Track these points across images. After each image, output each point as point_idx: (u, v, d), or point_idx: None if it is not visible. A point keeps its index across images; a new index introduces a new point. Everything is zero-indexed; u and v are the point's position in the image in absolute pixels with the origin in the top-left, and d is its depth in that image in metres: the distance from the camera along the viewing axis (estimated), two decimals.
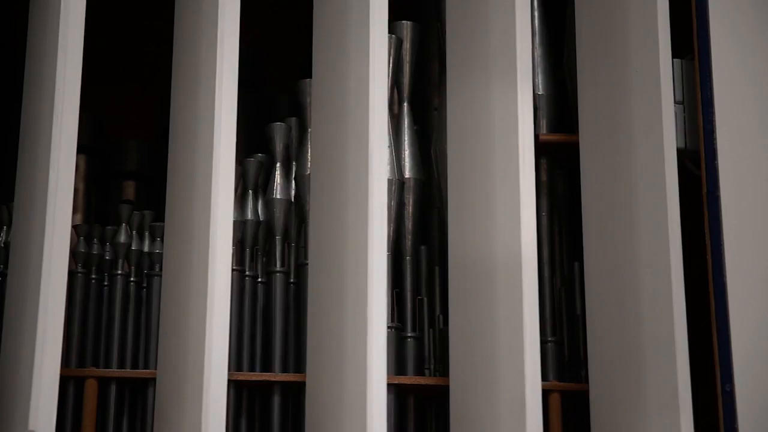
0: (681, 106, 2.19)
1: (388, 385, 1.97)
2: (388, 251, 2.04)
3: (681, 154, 2.13)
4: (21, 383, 1.88)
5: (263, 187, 2.45)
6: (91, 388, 2.27)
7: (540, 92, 2.42)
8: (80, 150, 2.04)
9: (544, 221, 2.40)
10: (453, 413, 2.12)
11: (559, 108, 2.45)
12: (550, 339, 2.30)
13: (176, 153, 2.23)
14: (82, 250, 2.38)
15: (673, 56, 2.10)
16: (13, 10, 2.73)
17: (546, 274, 2.35)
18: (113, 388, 2.31)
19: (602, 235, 2.17)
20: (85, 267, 2.38)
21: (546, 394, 2.18)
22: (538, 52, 2.45)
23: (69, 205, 1.96)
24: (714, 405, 2.00)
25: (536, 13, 2.47)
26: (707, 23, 2.15)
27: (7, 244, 2.35)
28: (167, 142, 2.29)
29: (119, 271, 2.39)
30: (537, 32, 2.46)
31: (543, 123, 2.43)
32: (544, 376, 2.22)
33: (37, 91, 2.10)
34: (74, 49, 1.99)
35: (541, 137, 2.37)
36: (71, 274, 2.28)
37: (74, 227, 2.29)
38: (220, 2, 2.06)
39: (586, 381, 2.20)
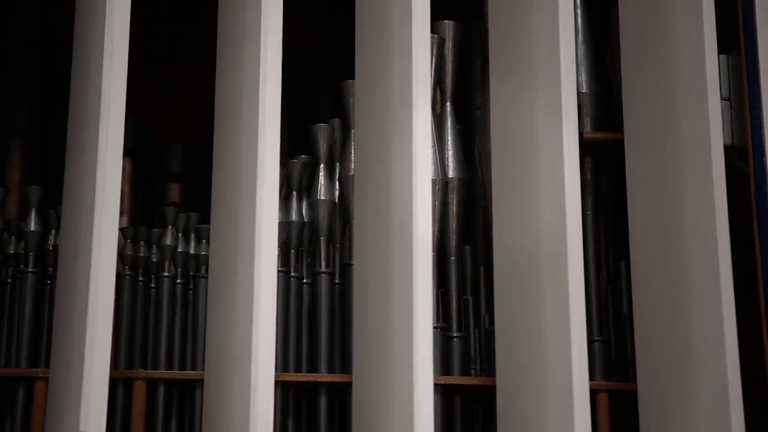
0: (728, 102, 2.17)
1: (435, 385, 1.97)
2: (432, 251, 2.03)
3: (728, 151, 2.10)
4: (71, 385, 1.90)
5: (307, 188, 2.45)
6: (139, 390, 2.29)
7: (583, 90, 2.41)
8: (125, 153, 2.05)
9: (589, 220, 2.38)
10: (500, 413, 2.11)
11: (603, 106, 2.43)
12: (596, 338, 2.29)
13: (221, 155, 2.24)
14: (129, 253, 2.40)
15: (719, 52, 2.08)
16: (59, 16, 2.77)
17: (592, 272, 2.34)
18: (161, 390, 2.32)
19: (649, 233, 2.15)
20: (132, 269, 2.40)
21: (593, 393, 2.17)
22: (581, 50, 2.44)
23: (116, 208, 1.97)
24: (765, 404, 1.97)
25: (579, 11, 2.46)
26: (753, 18, 2.13)
27: (55, 247, 2.37)
28: (211, 144, 2.30)
29: (166, 273, 2.40)
30: (580, 30, 2.45)
31: (587, 121, 2.41)
32: (591, 376, 2.20)
33: (84, 95, 2.12)
34: (120, 53, 2.01)
35: (586, 135, 2.36)
36: (118, 277, 2.29)
37: (121, 230, 2.31)
38: (263, 4, 2.06)
39: (634, 380, 2.18)
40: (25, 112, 2.77)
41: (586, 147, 2.35)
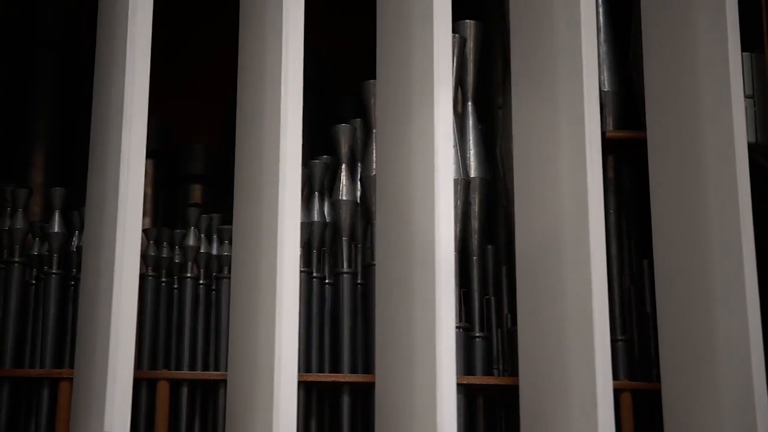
0: (751, 100, 2.16)
1: (457, 385, 1.97)
2: (454, 251, 2.03)
3: (752, 148, 2.09)
4: (95, 386, 1.91)
5: (329, 188, 2.46)
6: (163, 390, 2.29)
7: (606, 89, 2.40)
8: (147, 154, 2.06)
9: (612, 219, 2.38)
10: (523, 413, 2.11)
11: (625, 104, 2.42)
12: (620, 338, 2.28)
13: (243, 156, 2.24)
14: (152, 254, 2.41)
15: (743, 50, 2.07)
16: (81, 17, 2.78)
17: (614, 271, 2.33)
18: (185, 390, 2.33)
19: (672, 231, 2.14)
20: (155, 270, 2.41)
21: (617, 393, 2.16)
22: (603, 48, 2.43)
23: (139, 209, 1.98)
24: None
25: (600, 9, 2.45)
26: None
27: (79, 248, 2.38)
28: (233, 145, 2.31)
29: (188, 274, 2.41)
30: (602, 28, 2.44)
31: (609, 120, 2.41)
32: (615, 376, 2.20)
33: (106, 96, 2.13)
34: (142, 54, 2.02)
35: (608, 134, 2.35)
36: (142, 278, 2.30)
37: (144, 231, 2.32)
38: (284, 6, 2.07)
39: (658, 380, 2.17)
40: (48, 113, 2.79)
41: (608, 146, 2.34)
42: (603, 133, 2.28)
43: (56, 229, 2.39)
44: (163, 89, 2.33)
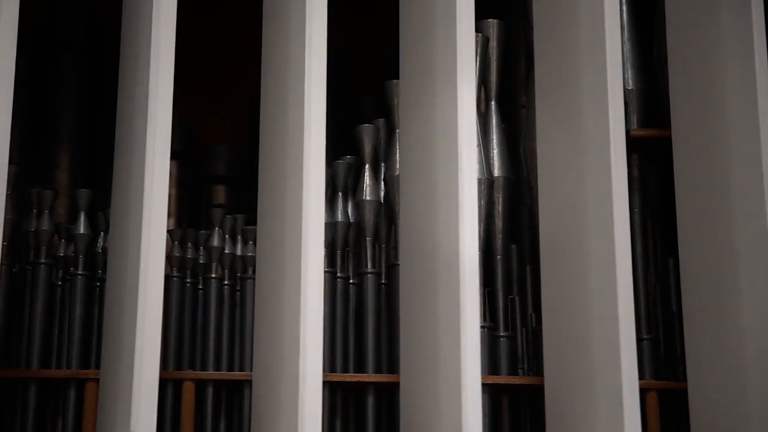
0: None
1: (482, 385, 1.96)
2: (478, 250, 2.02)
3: None
4: (121, 386, 1.92)
5: (353, 188, 2.46)
6: (188, 391, 2.30)
7: (630, 87, 2.39)
8: (171, 156, 2.06)
9: (637, 217, 2.37)
10: (548, 413, 2.10)
11: (650, 102, 2.41)
12: (645, 336, 2.27)
13: (266, 157, 2.25)
14: (177, 255, 2.42)
15: None
16: (104, 20, 2.79)
17: (639, 270, 2.33)
18: (210, 390, 2.34)
19: (698, 230, 2.13)
20: (180, 271, 2.42)
21: (643, 392, 2.15)
22: (626, 46, 2.42)
23: (164, 210, 1.98)
24: None
25: (624, 7, 2.44)
26: None
27: (104, 249, 2.39)
28: (256, 146, 2.31)
29: (213, 275, 2.42)
30: (625, 26, 2.43)
31: (633, 118, 2.40)
32: (640, 375, 2.18)
33: (131, 98, 2.13)
34: (166, 56, 2.02)
35: (632, 132, 2.34)
36: (167, 278, 2.31)
37: (168, 232, 2.33)
38: (307, 7, 2.07)
39: (684, 379, 2.16)
40: (73, 115, 2.80)
41: (632, 144, 2.33)
42: (627, 132, 2.27)
43: (82, 231, 2.41)
44: (187, 90, 2.34)
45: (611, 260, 1.96)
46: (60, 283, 2.41)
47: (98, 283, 2.40)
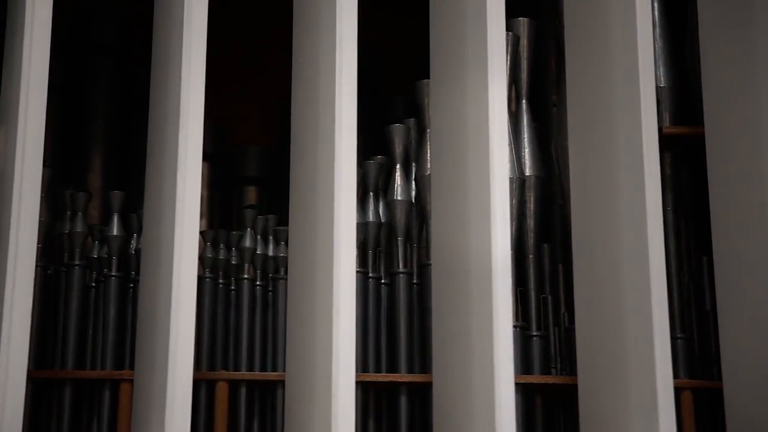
0: None
1: (515, 384, 1.96)
2: (510, 250, 2.02)
3: None
4: (156, 386, 1.93)
5: (384, 188, 2.46)
6: (222, 391, 2.31)
7: (662, 84, 2.37)
8: (203, 157, 2.08)
9: (670, 216, 2.35)
10: (582, 413, 2.09)
11: (682, 100, 2.40)
12: (679, 335, 2.26)
13: (298, 157, 2.25)
14: (209, 256, 2.43)
15: None
16: (135, 23, 2.81)
17: (673, 269, 2.31)
18: (243, 391, 2.35)
19: (732, 227, 2.11)
20: (212, 272, 2.43)
21: (677, 392, 2.14)
22: (658, 43, 2.41)
23: (196, 211, 1.99)
24: None
25: (656, 4, 2.43)
26: None
27: (138, 250, 2.41)
28: (287, 147, 2.32)
29: (245, 276, 2.43)
30: (657, 23, 2.42)
31: (666, 116, 2.38)
32: (675, 374, 2.17)
33: (163, 101, 2.14)
34: (198, 59, 2.03)
35: (665, 130, 2.33)
36: (199, 280, 2.32)
37: (201, 233, 2.34)
38: (337, 7, 2.07)
39: (719, 378, 2.14)
40: (105, 118, 2.82)
41: (665, 142, 2.32)
42: (659, 129, 2.26)
43: (115, 232, 2.42)
44: (218, 92, 2.35)
45: (644, 259, 1.94)
46: (94, 284, 2.42)
47: (131, 285, 2.41)
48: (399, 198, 2.42)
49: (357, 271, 2.28)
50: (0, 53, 2.20)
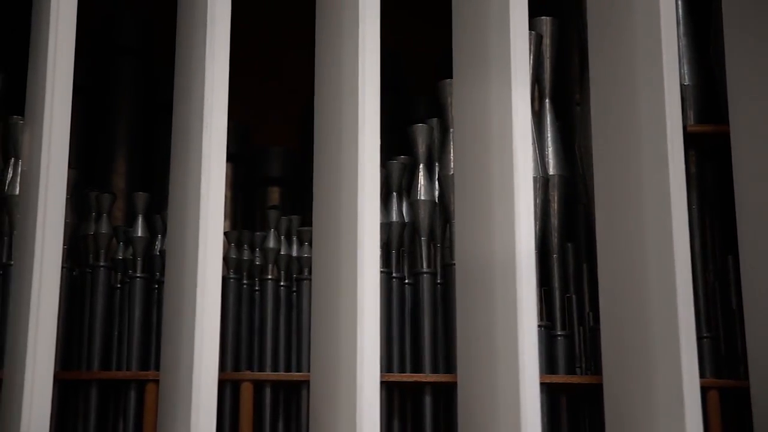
0: None
1: (540, 384, 1.95)
2: (534, 249, 2.01)
3: None
4: (181, 387, 1.93)
5: (407, 188, 2.46)
6: (246, 391, 2.32)
7: (686, 82, 2.36)
8: (226, 158, 2.08)
9: (695, 214, 2.34)
10: (608, 413, 2.08)
11: (706, 98, 2.39)
12: (705, 335, 2.25)
13: (321, 158, 2.25)
14: (233, 256, 2.44)
15: None
16: (159, 24, 2.82)
17: (698, 268, 2.30)
18: (268, 391, 2.35)
19: (757, 226, 2.09)
20: (236, 272, 2.43)
21: (704, 391, 2.13)
22: (682, 41, 2.40)
23: (220, 212, 2.00)
24: None
25: (679, 2, 2.42)
26: None
27: (162, 252, 2.42)
28: (310, 147, 2.32)
29: (269, 276, 2.43)
30: (681, 21, 2.41)
31: (690, 114, 2.37)
32: (701, 373, 2.16)
33: (186, 103, 2.15)
34: (221, 60, 2.04)
35: (689, 128, 2.32)
36: (223, 280, 2.33)
37: (225, 234, 2.34)
38: (360, 7, 2.07)
39: (745, 377, 2.13)
40: (129, 119, 2.83)
41: (689, 140, 2.31)
42: (684, 128, 2.25)
43: (140, 234, 2.43)
44: (241, 93, 2.35)
45: (670, 258, 1.93)
46: (119, 285, 2.43)
47: (156, 285, 2.42)
48: (422, 198, 2.42)
49: (381, 272, 2.28)
50: (25, 56, 2.21)
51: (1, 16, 2.83)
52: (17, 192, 2.36)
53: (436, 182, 2.43)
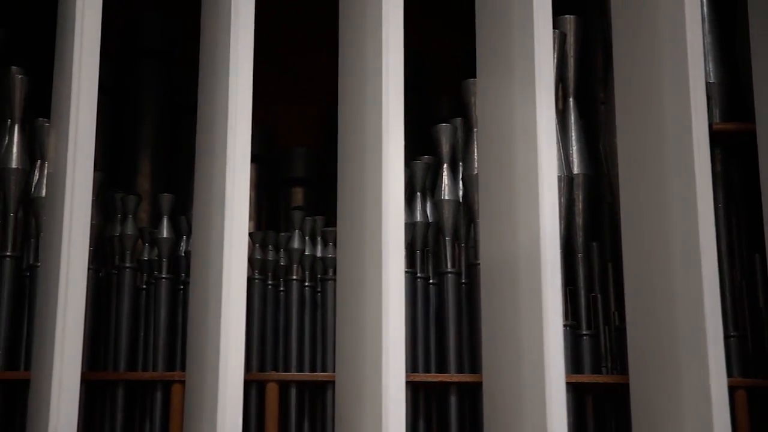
0: None
1: (566, 384, 1.94)
2: (559, 248, 2.01)
3: None
4: (207, 388, 1.94)
5: (431, 188, 2.45)
6: (272, 392, 2.32)
7: (711, 80, 2.35)
8: (250, 159, 2.09)
9: (721, 213, 2.33)
10: (634, 412, 2.08)
11: (732, 96, 2.37)
12: (732, 334, 2.23)
13: (345, 158, 2.26)
14: (258, 257, 2.44)
15: None
16: (183, 26, 2.83)
17: (725, 267, 2.28)
18: (293, 392, 2.36)
19: None
20: (261, 273, 2.44)
21: (731, 390, 2.11)
22: (707, 39, 2.38)
23: (245, 213, 2.00)
24: None
25: (704, 0, 2.40)
26: None
27: (187, 253, 2.43)
28: (334, 147, 2.32)
29: (294, 277, 2.43)
30: (706, 19, 2.39)
31: (715, 112, 2.36)
32: (728, 373, 2.14)
33: (211, 104, 2.16)
34: (245, 61, 2.04)
35: (714, 126, 2.30)
36: (249, 281, 2.33)
37: (249, 234, 2.35)
38: (383, 7, 2.07)
39: None
40: (154, 121, 2.84)
41: (715, 138, 2.29)
42: (709, 126, 2.23)
43: (165, 235, 2.44)
44: (265, 94, 2.36)
45: (696, 257, 1.92)
46: (144, 286, 2.44)
47: (182, 287, 2.43)
48: (446, 198, 2.41)
49: (405, 272, 2.27)
50: (51, 58, 2.22)
51: (26, 19, 2.85)
52: (44, 194, 2.37)
53: (460, 182, 2.43)
